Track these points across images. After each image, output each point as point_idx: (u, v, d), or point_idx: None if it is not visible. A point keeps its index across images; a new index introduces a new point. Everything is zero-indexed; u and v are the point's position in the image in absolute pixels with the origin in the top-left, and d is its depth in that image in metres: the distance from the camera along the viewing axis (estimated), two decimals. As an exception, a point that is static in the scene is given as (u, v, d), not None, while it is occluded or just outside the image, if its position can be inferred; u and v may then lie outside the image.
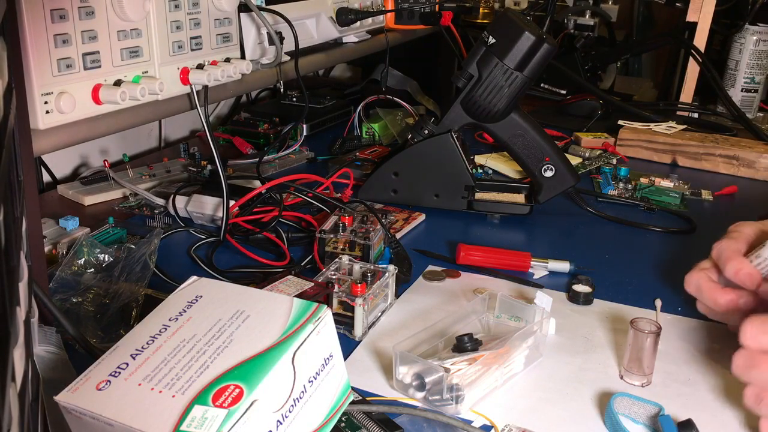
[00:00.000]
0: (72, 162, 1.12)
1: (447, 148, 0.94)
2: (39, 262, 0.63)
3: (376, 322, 0.70)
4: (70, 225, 0.83)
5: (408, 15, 1.39)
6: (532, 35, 0.88)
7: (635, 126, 1.28)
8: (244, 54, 1.01)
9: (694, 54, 1.45)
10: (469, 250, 0.82)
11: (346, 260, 0.72)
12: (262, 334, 0.46)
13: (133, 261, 0.74)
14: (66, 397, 0.44)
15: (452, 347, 0.61)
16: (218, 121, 1.42)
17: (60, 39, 0.72)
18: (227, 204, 0.85)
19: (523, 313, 0.67)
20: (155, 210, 0.93)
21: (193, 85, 0.89)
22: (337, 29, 1.22)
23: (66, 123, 0.75)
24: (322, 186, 0.97)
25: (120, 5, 0.77)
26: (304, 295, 0.64)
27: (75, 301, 0.68)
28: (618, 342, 0.68)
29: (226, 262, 0.81)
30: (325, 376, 0.48)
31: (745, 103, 1.47)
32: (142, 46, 0.82)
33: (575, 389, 0.61)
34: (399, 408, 0.56)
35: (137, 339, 0.48)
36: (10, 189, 0.39)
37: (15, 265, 0.36)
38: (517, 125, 0.94)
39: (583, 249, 0.88)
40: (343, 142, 1.21)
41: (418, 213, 0.95)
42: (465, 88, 0.92)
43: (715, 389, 0.61)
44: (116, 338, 0.51)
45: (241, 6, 0.97)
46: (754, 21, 1.44)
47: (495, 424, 0.56)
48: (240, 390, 0.42)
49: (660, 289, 0.78)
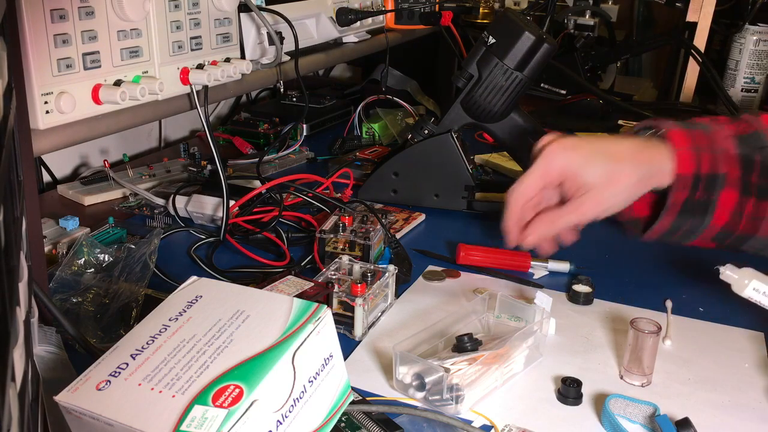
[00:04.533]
0: (72, 162, 1.12)
1: (447, 148, 0.94)
2: (39, 262, 0.63)
3: (376, 322, 0.70)
4: (70, 225, 0.83)
5: (408, 15, 1.39)
6: (532, 35, 0.88)
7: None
8: (244, 54, 1.01)
9: (694, 54, 1.45)
10: (469, 250, 0.82)
11: (346, 260, 0.72)
12: (262, 334, 0.46)
13: (133, 261, 0.74)
14: (66, 397, 0.44)
15: (452, 347, 0.61)
16: (218, 121, 1.42)
17: (60, 39, 0.72)
18: (227, 204, 0.85)
19: (523, 313, 0.67)
20: (155, 210, 0.93)
21: (193, 85, 0.89)
22: (337, 29, 1.22)
23: (66, 123, 0.74)
24: (322, 186, 0.97)
25: (120, 5, 0.77)
26: (304, 295, 0.64)
27: (75, 301, 0.68)
28: (618, 342, 0.68)
29: (226, 262, 0.81)
30: (325, 376, 0.48)
31: (745, 103, 1.47)
32: (142, 46, 0.82)
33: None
34: (399, 408, 0.56)
35: (137, 339, 0.48)
36: (10, 189, 0.39)
37: (15, 265, 0.36)
38: (517, 125, 0.94)
39: (583, 249, 0.87)
40: (343, 142, 1.21)
41: (418, 213, 0.95)
42: (465, 88, 0.92)
43: (715, 389, 0.61)
44: (116, 338, 0.51)
45: (241, 6, 0.97)
46: (754, 21, 1.44)
47: (495, 424, 0.56)
48: (240, 390, 0.42)
49: (660, 290, 0.78)
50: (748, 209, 0.69)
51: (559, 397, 0.59)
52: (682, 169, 0.67)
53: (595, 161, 0.69)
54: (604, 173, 0.68)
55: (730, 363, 0.65)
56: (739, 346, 0.68)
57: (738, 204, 0.69)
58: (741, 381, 0.63)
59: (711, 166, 0.68)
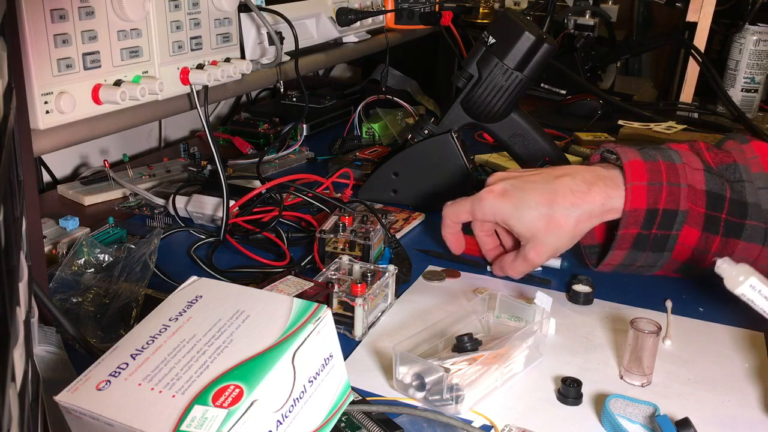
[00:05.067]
0: (72, 162, 1.13)
1: (447, 148, 0.94)
2: (39, 262, 0.63)
3: (376, 322, 0.70)
4: (70, 225, 0.83)
5: (408, 15, 1.39)
6: (532, 35, 0.88)
7: (635, 126, 1.28)
8: (244, 54, 1.01)
9: (694, 54, 1.45)
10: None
11: (346, 260, 0.72)
12: (262, 334, 0.46)
13: (133, 261, 0.74)
14: (66, 397, 0.44)
15: (452, 347, 0.61)
16: (218, 121, 1.42)
17: (60, 39, 0.72)
18: (227, 204, 0.85)
19: (523, 313, 0.67)
20: (155, 210, 0.93)
21: (193, 85, 0.89)
22: (337, 29, 1.22)
23: (66, 123, 0.75)
24: (322, 186, 0.97)
25: (120, 5, 0.77)
26: (304, 295, 0.64)
27: (75, 301, 0.68)
28: (618, 342, 0.68)
29: (226, 262, 0.81)
30: (325, 376, 0.48)
31: (745, 103, 1.47)
32: (142, 46, 0.82)
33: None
34: (399, 408, 0.56)
35: (137, 339, 0.48)
36: (10, 189, 0.39)
37: (15, 265, 0.36)
38: (517, 125, 0.94)
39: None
40: (343, 142, 1.20)
41: (418, 213, 0.95)
42: (465, 88, 0.92)
43: (715, 389, 0.61)
44: (116, 338, 0.51)
45: (241, 6, 0.97)
46: (754, 21, 1.44)
47: (495, 424, 0.56)
48: (240, 390, 0.42)
49: (660, 289, 0.78)
50: (713, 246, 0.68)
51: (559, 397, 0.59)
52: (632, 204, 0.66)
53: (523, 210, 0.68)
54: (536, 220, 0.68)
55: (730, 363, 0.65)
56: (739, 346, 0.68)
57: (701, 241, 0.68)
58: (741, 381, 0.63)
59: (669, 202, 0.66)
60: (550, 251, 0.70)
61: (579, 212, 0.67)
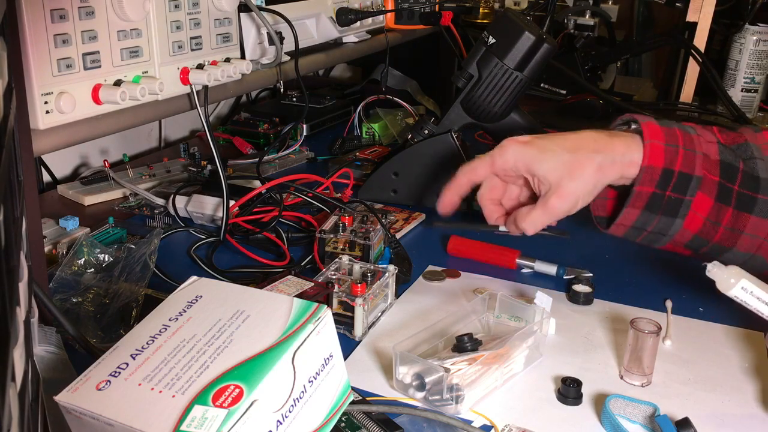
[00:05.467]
0: (72, 162, 1.12)
1: (447, 148, 0.94)
2: (39, 262, 0.63)
3: (376, 322, 0.70)
4: (70, 225, 0.83)
5: (408, 15, 1.39)
6: (532, 35, 0.88)
7: (635, 126, 1.28)
8: (244, 54, 1.01)
9: (694, 54, 1.45)
10: (458, 242, 0.85)
11: (346, 260, 0.72)
12: (262, 334, 0.46)
13: (133, 261, 0.74)
14: (66, 397, 0.44)
15: (452, 347, 0.61)
16: (218, 121, 1.42)
17: (60, 39, 0.72)
18: (227, 204, 0.85)
19: (523, 313, 0.67)
20: (155, 210, 0.93)
21: (193, 85, 0.89)
22: (337, 29, 1.22)
23: (66, 123, 0.74)
24: (322, 186, 0.97)
25: (120, 5, 0.77)
26: (304, 295, 0.64)
27: (75, 301, 0.68)
28: (618, 342, 0.68)
29: (226, 262, 0.81)
30: (325, 376, 0.48)
31: (745, 103, 1.47)
32: (142, 46, 0.82)
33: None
34: (399, 408, 0.56)
35: (137, 339, 0.48)
36: (10, 189, 0.39)
37: (15, 265, 0.36)
38: (517, 125, 0.94)
39: (583, 249, 0.88)
40: (343, 142, 1.21)
41: (418, 213, 0.95)
42: (465, 88, 0.92)
43: (715, 389, 0.61)
44: (116, 338, 0.51)
45: (241, 6, 0.97)
46: (754, 21, 1.44)
47: (495, 424, 0.56)
48: (240, 390, 0.42)
49: (660, 289, 0.78)
50: (725, 219, 0.67)
51: (559, 397, 0.59)
52: (650, 160, 0.65)
53: (548, 154, 0.67)
54: (560, 165, 0.66)
55: (730, 363, 0.65)
56: (739, 346, 0.68)
57: (713, 211, 0.67)
58: (741, 381, 0.63)
59: (685, 165, 0.66)
60: (573, 199, 0.67)
61: (602, 157, 0.66)
